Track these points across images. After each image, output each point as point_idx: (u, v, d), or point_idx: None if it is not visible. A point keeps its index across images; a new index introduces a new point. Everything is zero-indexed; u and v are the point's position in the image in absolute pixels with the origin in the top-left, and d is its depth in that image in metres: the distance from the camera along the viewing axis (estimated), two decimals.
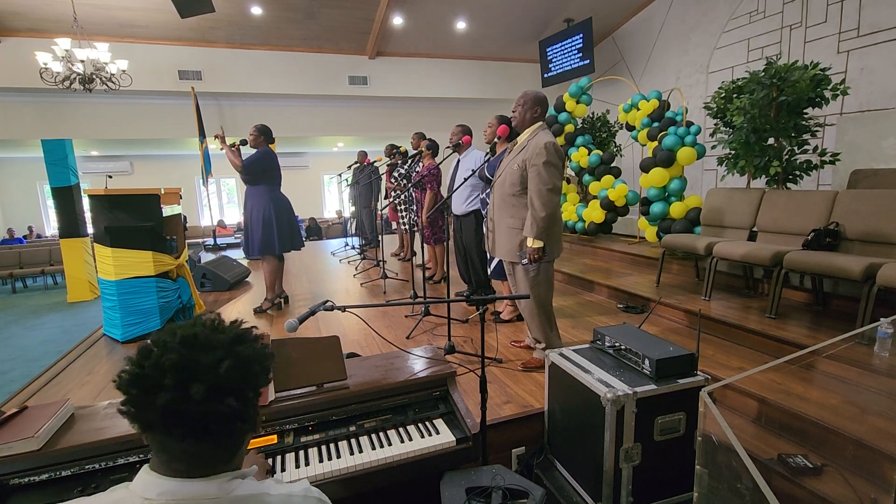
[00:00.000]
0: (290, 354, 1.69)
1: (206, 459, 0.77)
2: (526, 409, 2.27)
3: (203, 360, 0.73)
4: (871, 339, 2.16)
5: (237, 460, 0.83)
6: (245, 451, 0.86)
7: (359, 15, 7.04)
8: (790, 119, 3.73)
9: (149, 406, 0.70)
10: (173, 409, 0.69)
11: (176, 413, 0.70)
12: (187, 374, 0.71)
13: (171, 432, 0.71)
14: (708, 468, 1.17)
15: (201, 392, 0.70)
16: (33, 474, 1.35)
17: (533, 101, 2.58)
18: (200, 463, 0.76)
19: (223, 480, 0.77)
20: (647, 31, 7.60)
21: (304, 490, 0.87)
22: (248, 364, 0.78)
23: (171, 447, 0.74)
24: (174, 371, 0.70)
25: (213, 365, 0.73)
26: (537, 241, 2.47)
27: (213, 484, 0.76)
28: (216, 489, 0.75)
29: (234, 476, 0.79)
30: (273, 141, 4.03)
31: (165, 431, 0.71)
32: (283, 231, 3.97)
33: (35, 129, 7.15)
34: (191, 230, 10.94)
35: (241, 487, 0.78)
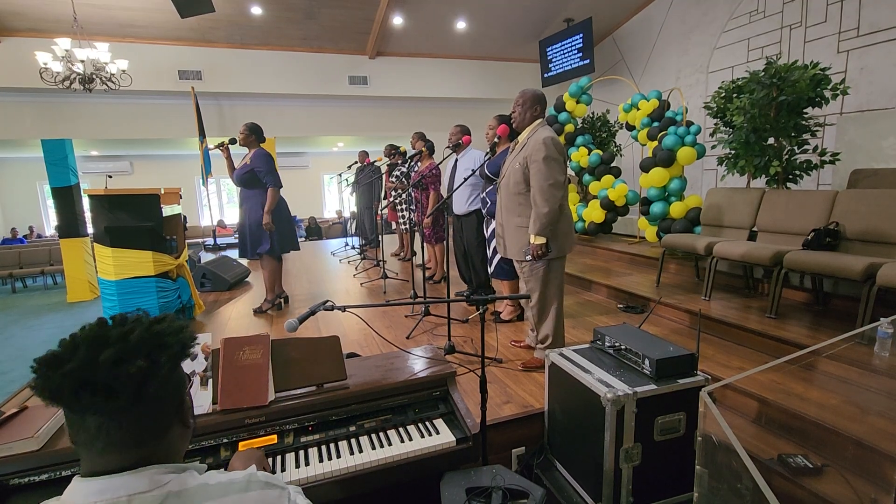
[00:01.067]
0: (290, 354, 1.69)
1: (129, 444, 0.73)
2: (526, 409, 2.27)
3: (114, 333, 0.74)
4: (871, 339, 2.16)
5: (169, 451, 0.79)
6: (181, 447, 0.83)
7: (359, 15, 7.04)
8: (790, 119, 3.73)
9: (55, 372, 0.69)
10: (80, 375, 0.68)
11: (83, 378, 0.69)
12: (98, 343, 0.71)
13: (79, 396, 0.69)
14: (708, 468, 1.17)
15: (109, 356, 0.70)
16: (33, 474, 1.35)
17: (532, 99, 2.58)
18: (124, 448, 0.73)
19: (154, 472, 0.73)
20: (647, 31, 7.60)
21: (248, 475, 0.82)
22: (161, 335, 0.77)
23: (89, 428, 0.71)
24: (85, 343, 0.71)
25: (124, 335, 0.74)
26: (539, 238, 2.46)
27: (143, 477, 0.72)
28: (147, 483, 0.72)
29: (170, 469, 0.75)
30: (264, 140, 3.99)
31: (73, 397, 0.69)
32: (283, 232, 3.96)
33: (35, 129, 7.15)
34: (191, 230, 10.94)
35: (176, 481, 0.74)
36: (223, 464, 1.50)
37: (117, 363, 0.70)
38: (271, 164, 3.79)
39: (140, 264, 3.42)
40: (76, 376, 0.68)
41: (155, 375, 0.74)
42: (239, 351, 1.60)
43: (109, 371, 0.70)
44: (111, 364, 0.70)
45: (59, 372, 0.69)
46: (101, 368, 0.69)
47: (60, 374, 0.68)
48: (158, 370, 0.74)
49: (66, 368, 0.68)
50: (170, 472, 0.75)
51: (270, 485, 0.83)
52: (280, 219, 3.93)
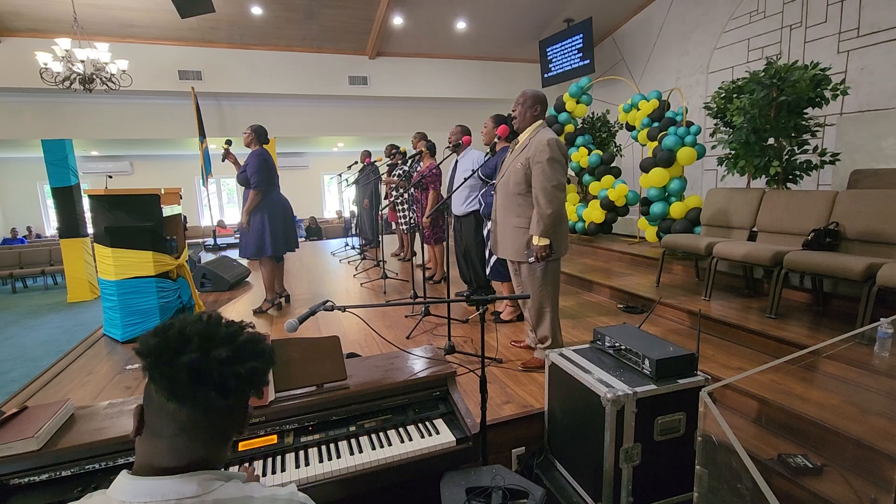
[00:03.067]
0: (290, 354, 1.69)
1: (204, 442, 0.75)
2: (526, 409, 2.27)
3: (222, 331, 0.77)
4: (871, 339, 2.16)
5: (222, 456, 0.81)
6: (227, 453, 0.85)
7: (359, 15, 7.04)
8: (790, 119, 3.73)
9: (174, 363, 0.71)
10: (198, 366, 0.71)
11: (201, 371, 0.71)
12: (210, 339, 0.74)
13: (195, 388, 0.71)
14: (708, 468, 1.17)
15: (225, 353, 0.73)
16: (33, 474, 1.35)
17: (532, 99, 2.58)
18: (197, 446, 0.75)
19: (205, 478, 0.74)
20: (647, 32, 7.61)
21: (290, 493, 0.84)
22: (259, 341, 0.81)
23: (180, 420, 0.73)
24: (198, 337, 0.74)
25: (232, 335, 0.77)
26: (543, 239, 2.46)
27: (194, 481, 0.73)
28: (196, 487, 0.72)
29: (217, 476, 0.76)
30: (267, 141, 4.01)
31: (188, 387, 0.71)
32: (277, 233, 3.93)
33: (35, 129, 7.15)
34: (191, 230, 10.93)
35: (223, 489, 0.75)
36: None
37: (231, 361, 0.73)
38: (260, 164, 3.79)
39: (140, 264, 3.42)
40: (194, 368, 0.71)
41: (259, 380, 0.78)
42: None
43: (224, 368, 0.72)
44: (226, 361, 0.73)
45: (178, 360, 0.71)
46: (216, 364, 0.72)
47: (180, 364, 0.71)
48: (262, 375, 0.79)
49: (184, 359, 0.71)
50: (218, 479, 0.76)
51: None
52: (275, 220, 3.91)
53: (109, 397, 2.37)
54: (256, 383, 0.78)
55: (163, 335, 0.74)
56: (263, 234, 3.87)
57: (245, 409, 0.82)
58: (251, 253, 3.93)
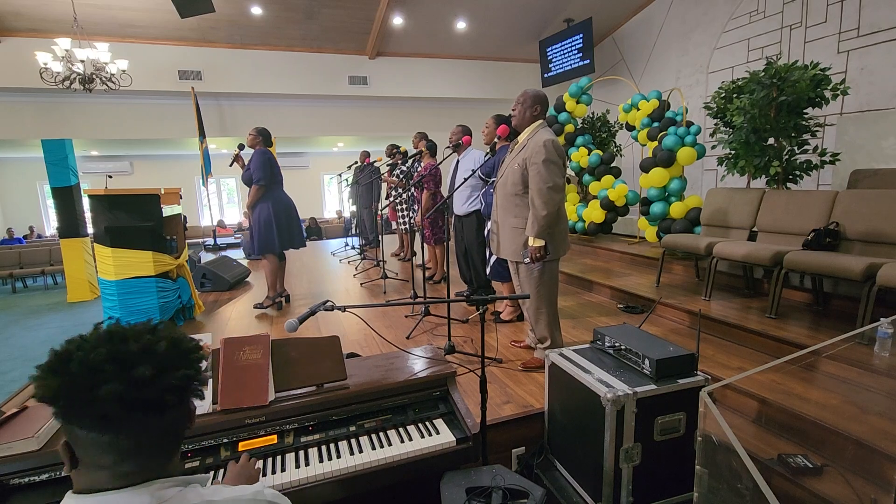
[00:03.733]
0: (290, 354, 1.69)
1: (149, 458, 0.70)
2: (526, 409, 2.27)
3: (134, 347, 0.69)
4: (871, 339, 2.16)
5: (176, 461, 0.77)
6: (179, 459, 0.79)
7: (359, 15, 7.04)
8: (790, 119, 3.73)
9: (93, 401, 0.63)
10: (125, 396, 0.64)
11: (129, 398, 0.65)
12: (124, 362, 0.66)
13: (129, 417, 0.65)
14: (708, 468, 1.17)
15: (148, 372, 0.66)
16: (33, 474, 1.34)
17: (532, 99, 2.58)
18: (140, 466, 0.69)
19: (157, 488, 0.69)
20: (647, 31, 7.61)
21: (254, 493, 0.78)
22: (180, 342, 0.74)
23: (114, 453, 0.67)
24: (109, 364, 0.65)
25: (148, 347, 0.69)
26: (538, 240, 2.46)
27: (146, 492, 0.68)
28: (149, 499, 0.67)
29: (174, 483, 0.72)
30: (271, 144, 4.05)
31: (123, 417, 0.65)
32: (283, 230, 3.98)
33: (35, 129, 7.15)
34: (191, 230, 10.92)
35: (180, 495, 0.70)
36: (223, 464, 1.50)
37: (158, 377, 0.67)
38: (261, 161, 3.84)
39: (140, 264, 3.42)
40: (120, 396, 0.64)
41: (194, 385, 0.73)
42: (239, 351, 1.60)
43: (152, 387, 0.67)
44: (151, 380, 0.67)
45: (96, 396, 0.63)
46: (142, 386, 0.66)
47: (101, 399, 0.63)
48: (197, 378, 0.73)
49: (104, 391, 0.63)
50: (174, 486, 0.72)
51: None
52: (280, 217, 3.95)
53: None
54: (193, 389, 0.73)
55: (65, 373, 0.65)
56: (271, 231, 3.91)
57: (189, 413, 0.77)
58: (258, 250, 3.96)
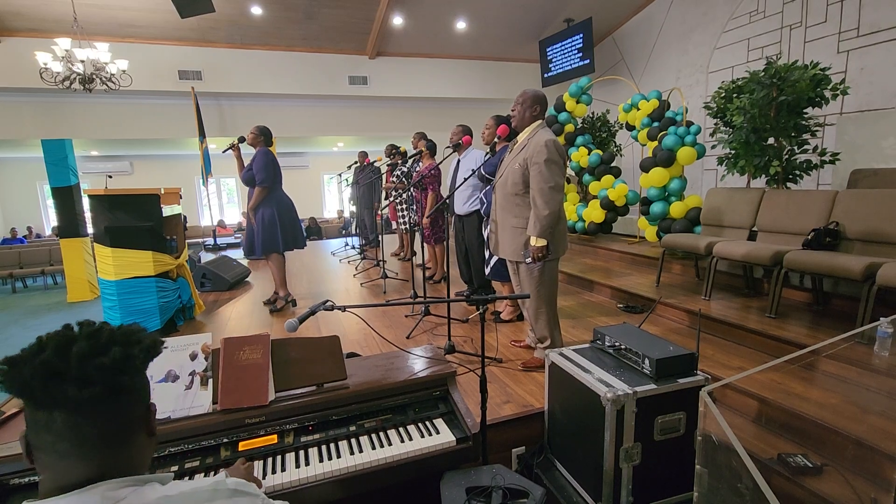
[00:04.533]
0: (290, 354, 1.69)
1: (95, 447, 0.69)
2: (526, 409, 2.27)
3: (83, 331, 0.72)
4: (871, 338, 2.16)
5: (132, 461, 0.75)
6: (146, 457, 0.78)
7: (359, 15, 7.04)
8: (790, 119, 3.73)
9: (25, 365, 0.66)
10: (52, 366, 0.66)
11: (55, 369, 0.66)
12: (67, 340, 0.69)
13: (50, 387, 0.66)
14: (708, 468, 1.17)
15: (82, 348, 0.68)
16: (33, 474, 1.34)
17: (532, 99, 2.58)
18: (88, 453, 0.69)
19: (107, 489, 0.67)
20: (647, 31, 7.61)
21: (214, 483, 0.76)
22: (131, 332, 0.75)
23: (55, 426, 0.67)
24: (54, 340, 0.69)
25: (94, 333, 0.72)
26: (541, 240, 2.46)
27: (96, 494, 0.66)
28: (97, 499, 0.66)
29: (128, 483, 0.70)
30: (272, 143, 4.05)
31: (43, 387, 0.66)
32: (286, 230, 3.99)
33: (35, 129, 7.15)
34: (191, 230, 10.93)
35: (134, 495, 0.68)
36: (223, 464, 1.50)
37: (90, 355, 0.68)
38: (265, 162, 3.84)
39: (140, 264, 3.42)
40: (48, 367, 0.66)
41: (129, 365, 0.72)
42: (239, 351, 1.60)
43: (83, 362, 0.67)
44: (84, 356, 0.68)
45: (29, 364, 0.66)
46: (74, 360, 0.67)
47: (31, 366, 0.66)
48: (132, 360, 0.72)
49: (36, 360, 0.66)
50: (127, 486, 0.70)
51: (240, 492, 0.77)
52: (283, 217, 3.96)
53: None
54: (128, 369, 0.71)
55: (24, 350, 0.69)
56: (275, 231, 3.92)
57: (140, 403, 0.76)
58: (262, 251, 3.96)
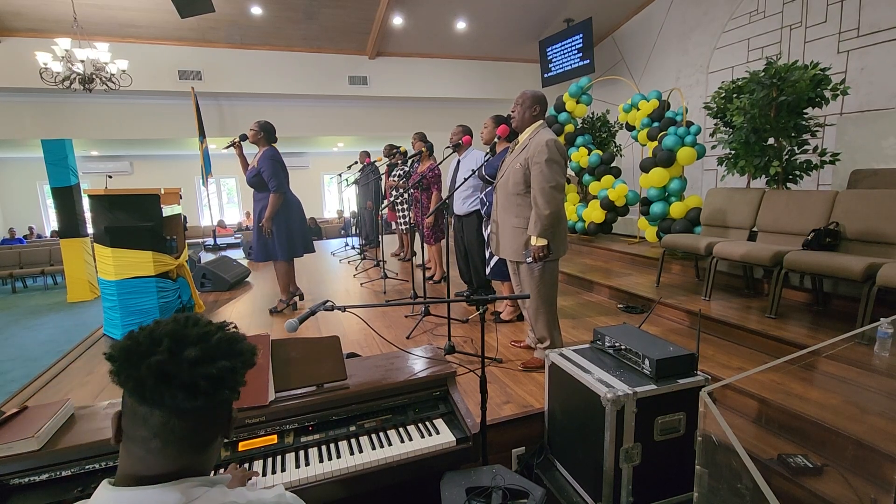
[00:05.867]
0: (290, 354, 1.69)
1: (183, 448, 0.73)
2: (526, 409, 2.27)
3: (194, 332, 0.75)
4: (871, 339, 2.16)
5: (208, 462, 0.79)
6: (216, 455, 0.82)
7: (359, 15, 7.04)
8: (790, 119, 3.73)
9: (141, 363, 0.69)
10: (165, 368, 0.69)
11: (168, 372, 0.69)
12: (181, 340, 0.72)
13: (161, 390, 0.69)
14: (708, 468, 1.17)
15: (194, 354, 0.71)
16: (33, 474, 1.35)
17: (532, 99, 2.58)
18: (175, 451, 0.73)
19: (188, 486, 0.72)
20: (647, 31, 7.60)
21: (277, 496, 0.82)
22: (235, 341, 0.78)
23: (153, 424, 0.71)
24: (168, 337, 0.72)
25: (205, 335, 0.75)
26: (541, 240, 2.47)
27: (177, 490, 0.70)
28: (179, 496, 0.70)
29: (202, 483, 0.74)
30: (275, 139, 3.92)
31: (155, 389, 0.69)
32: (297, 234, 3.88)
33: (35, 129, 7.15)
34: (191, 230, 10.94)
35: (207, 496, 0.73)
36: (223, 464, 1.50)
37: (201, 362, 0.71)
38: (276, 167, 3.72)
39: (140, 264, 3.42)
40: (162, 369, 0.69)
41: (232, 380, 0.75)
42: None
43: (193, 368, 0.71)
44: (195, 362, 0.71)
45: (145, 363, 0.69)
46: (185, 365, 0.70)
47: (146, 366, 0.69)
48: (235, 375, 0.76)
49: (152, 360, 0.69)
50: (202, 486, 0.74)
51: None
52: (291, 222, 3.86)
53: (109, 397, 2.37)
54: (229, 383, 0.75)
55: (133, 338, 0.73)
56: (282, 237, 3.80)
57: (228, 411, 0.80)
58: (263, 257, 3.85)
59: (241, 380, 0.78)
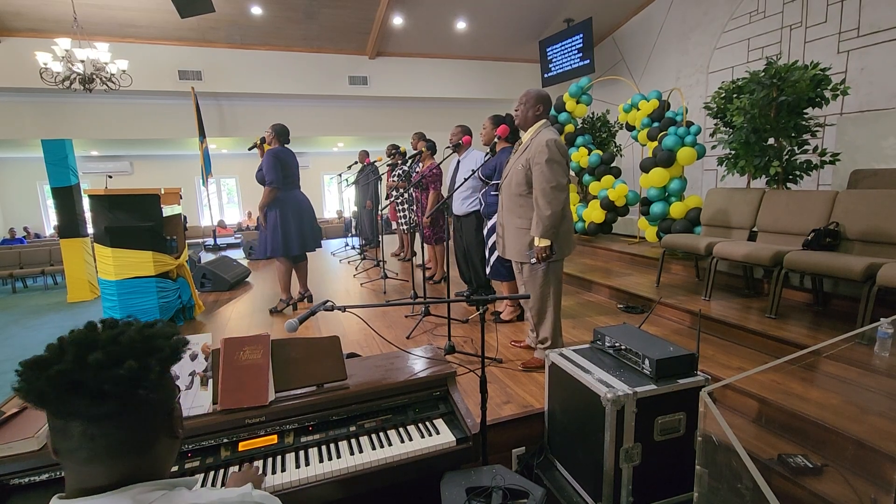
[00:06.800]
0: (290, 354, 1.69)
1: (115, 454, 0.70)
2: (526, 409, 2.27)
3: (104, 336, 0.72)
4: (871, 339, 2.16)
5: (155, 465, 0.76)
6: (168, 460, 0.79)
7: (359, 15, 7.04)
8: (790, 119, 3.73)
9: (41, 374, 0.66)
10: (68, 377, 0.66)
11: (71, 381, 0.66)
12: (86, 346, 0.69)
13: (65, 400, 0.66)
14: (708, 468, 1.17)
15: (98, 358, 0.68)
16: (33, 474, 1.35)
17: (535, 99, 2.58)
18: (109, 459, 0.70)
19: (138, 492, 0.69)
20: (647, 31, 7.60)
21: (241, 495, 0.78)
22: (151, 339, 0.75)
23: (72, 435, 0.68)
24: (73, 346, 0.69)
25: (114, 337, 0.72)
26: (544, 240, 2.46)
27: (125, 497, 0.68)
28: (129, 502, 0.67)
29: (156, 486, 0.71)
30: (288, 141, 4.01)
31: (58, 400, 0.66)
32: (290, 233, 3.91)
33: (35, 129, 7.15)
34: (191, 230, 10.93)
35: (165, 498, 0.70)
36: (223, 464, 1.50)
37: (106, 366, 0.68)
38: (272, 163, 3.79)
39: (140, 264, 3.42)
40: (64, 379, 0.66)
41: (144, 379, 0.71)
42: (239, 351, 1.60)
43: (98, 374, 0.67)
44: (100, 366, 0.67)
45: (44, 374, 0.66)
46: (90, 371, 0.67)
47: (46, 377, 0.66)
48: (148, 374, 0.72)
49: (52, 371, 0.66)
50: (156, 490, 0.71)
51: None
52: (285, 219, 3.89)
53: None
54: (144, 383, 0.71)
55: (47, 349, 0.70)
56: (276, 234, 3.87)
57: (163, 410, 0.77)
58: (267, 253, 3.94)
59: (162, 377, 0.75)
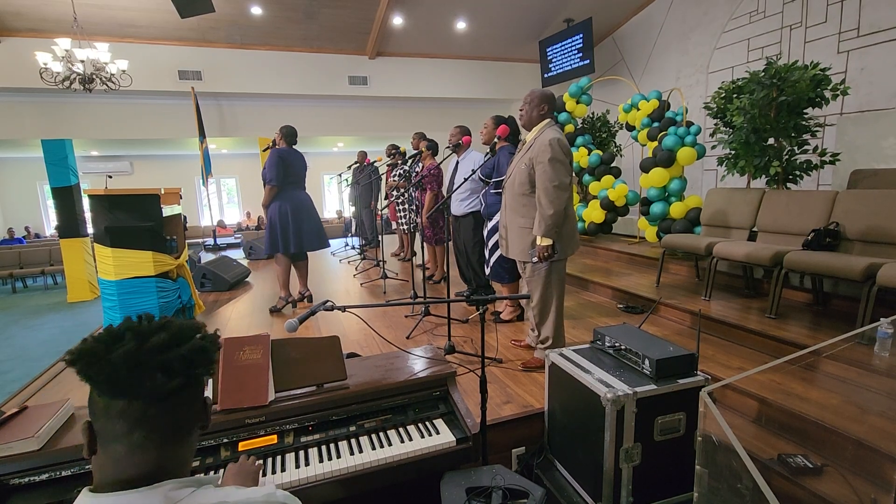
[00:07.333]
0: (290, 354, 1.69)
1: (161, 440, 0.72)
2: (526, 409, 2.27)
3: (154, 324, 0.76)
4: (871, 339, 2.16)
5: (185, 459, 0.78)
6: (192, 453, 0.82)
7: (359, 15, 7.04)
8: (790, 119, 3.73)
9: (108, 356, 0.69)
10: (136, 356, 0.69)
11: (139, 359, 0.69)
12: (143, 332, 0.73)
13: (137, 377, 0.69)
14: (708, 468, 1.17)
15: (163, 338, 0.72)
16: (33, 474, 1.35)
17: (539, 98, 2.58)
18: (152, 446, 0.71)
19: (169, 488, 0.71)
20: (647, 31, 7.60)
21: (266, 495, 0.79)
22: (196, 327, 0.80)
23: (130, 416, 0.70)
24: (130, 331, 0.72)
25: (166, 324, 0.76)
26: (546, 239, 2.46)
27: (159, 493, 0.69)
28: (161, 500, 0.69)
29: (186, 483, 0.73)
30: (295, 142, 4.07)
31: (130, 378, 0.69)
32: (286, 232, 3.94)
33: (35, 129, 7.15)
34: (191, 230, 10.93)
35: (193, 496, 0.71)
36: (223, 464, 1.50)
37: (169, 346, 0.72)
38: (274, 161, 3.87)
39: (140, 264, 3.41)
40: (133, 357, 0.69)
41: (203, 358, 0.76)
42: (239, 351, 1.60)
43: (164, 352, 0.71)
44: (165, 346, 0.71)
45: (113, 354, 0.69)
46: (155, 350, 0.71)
47: (117, 356, 0.68)
48: (207, 353, 0.77)
49: (120, 351, 0.69)
50: (186, 487, 0.73)
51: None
52: (286, 217, 3.93)
53: None
54: (203, 362, 0.76)
55: (92, 339, 0.72)
56: (273, 231, 3.94)
57: (201, 399, 0.80)
58: (265, 250, 4.06)
59: (214, 357, 0.79)
